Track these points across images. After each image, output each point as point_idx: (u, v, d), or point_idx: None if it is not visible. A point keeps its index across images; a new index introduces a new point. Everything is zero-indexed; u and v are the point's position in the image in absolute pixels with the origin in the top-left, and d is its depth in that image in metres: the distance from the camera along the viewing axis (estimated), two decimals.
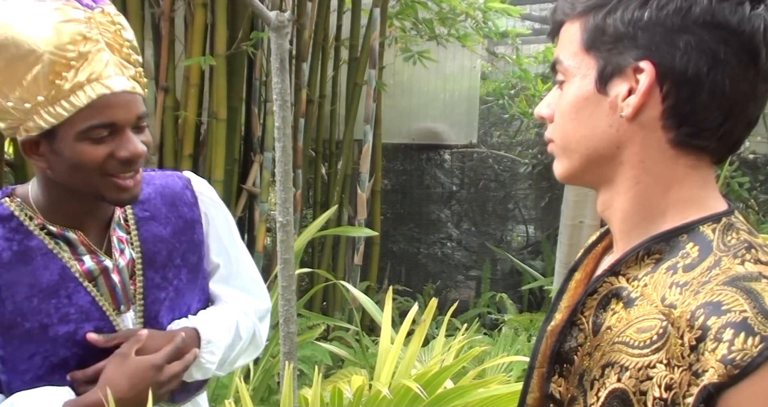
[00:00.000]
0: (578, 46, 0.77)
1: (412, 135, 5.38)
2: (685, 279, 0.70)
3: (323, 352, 3.15)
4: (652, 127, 0.73)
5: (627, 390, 0.70)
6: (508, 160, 6.22)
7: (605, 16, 0.74)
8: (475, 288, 5.93)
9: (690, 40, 0.70)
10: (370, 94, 4.03)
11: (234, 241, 1.39)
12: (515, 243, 6.51)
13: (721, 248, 0.71)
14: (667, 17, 0.70)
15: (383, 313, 2.18)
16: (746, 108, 0.72)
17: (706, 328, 0.64)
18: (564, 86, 0.79)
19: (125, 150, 1.09)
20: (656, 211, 0.75)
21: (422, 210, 5.89)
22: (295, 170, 3.75)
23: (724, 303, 0.64)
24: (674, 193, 0.75)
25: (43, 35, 1.01)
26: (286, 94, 1.82)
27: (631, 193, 0.76)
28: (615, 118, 0.74)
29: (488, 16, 4.38)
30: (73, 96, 1.03)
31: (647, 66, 0.71)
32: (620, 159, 0.76)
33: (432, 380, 1.73)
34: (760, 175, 5.00)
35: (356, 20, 4.09)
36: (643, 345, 0.70)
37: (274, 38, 1.81)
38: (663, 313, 0.69)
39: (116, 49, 1.09)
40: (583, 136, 0.77)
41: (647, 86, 0.71)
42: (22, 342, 1.12)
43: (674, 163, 0.74)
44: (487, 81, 5.96)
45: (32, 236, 1.14)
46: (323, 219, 3.03)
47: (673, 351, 0.66)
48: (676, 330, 0.66)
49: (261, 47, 3.53)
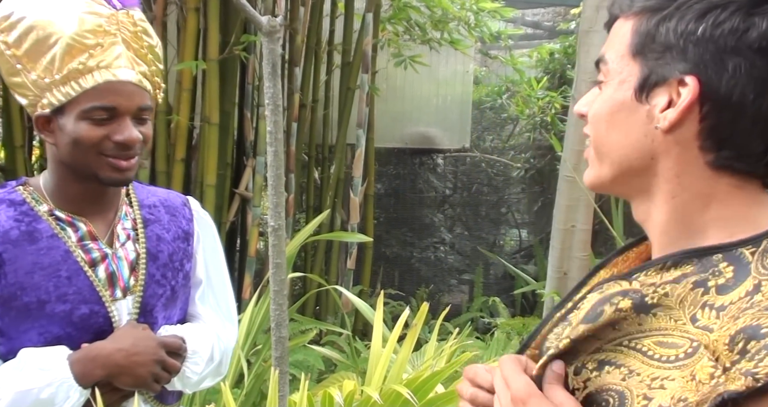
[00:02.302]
0: (626, 49, 0.74)
1: (405, 139, 5.38)
2: (722, 302, 0.66)
3: (315, 357, 3.14)
4: (687, 144, 0.70)
5: (631, 391, 0.68)
6: (501, 164, 6.23)
7: (659, 23, 0.71)
8: (468, 292, 5.94)
9: (741, 64, 0.66)
10: (363, 99, 4.03)
11: (219, 265, 1.46)
12: (508, 247, 6.52)
13: (761, 271, 0.67)
14: (722, 36, 0.67)
15: (375, 317, 2.18)
16: None
17: (744, 352, 0.61)
18: (603, 87, 0.77)
19: (121, 134, 1.18)
20: (695, 227, 0.72)
21: (415, 215, 5.90)
22: (287, 174, 3.74)
23: (763, 326, 0.61)
24: (715, 210, 0.71)
25: (67, 22, 1.15)
26: (277, 98, 1.82)
27: (668, 207, 0.73)
28: (650, 129, 0.71)
29: (479, 18, 4.39)
30: (81, 78, 1.15)
31: (692, 81, 0.68)
32: (654, 171, 0.73)
33: (423, 385, 1.73)
34: None
35: (349, 25, 4.09)
36: (665, 359, 0.68)
37: (265, 43, 1.81)
38: (694, 334, 0.67)
39: (132, 46, 1.21)
40: (616, 140, 0.74)
41: (689, 102, 0.68)
42: (19, 315, 1.18)
43: (715, 181, 0.70)
44: (480, 85, 5.97)
45: (40, 220, 1.22)
46: (315, 223, 3.03)
47: (701, 371, 0.64)
48: (711, 353, 0.64)
49: (253, 52, 3.53)
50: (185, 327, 1.35)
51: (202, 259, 1.41)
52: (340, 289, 3.05)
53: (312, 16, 3.89)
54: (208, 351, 1.34)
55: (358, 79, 4.04)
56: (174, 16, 3.35)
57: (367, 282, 4.42)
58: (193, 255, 1.39)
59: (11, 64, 1.17)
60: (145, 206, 1.35)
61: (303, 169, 4.18)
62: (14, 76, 1.18)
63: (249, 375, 2.62)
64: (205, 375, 1.36)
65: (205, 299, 1.43)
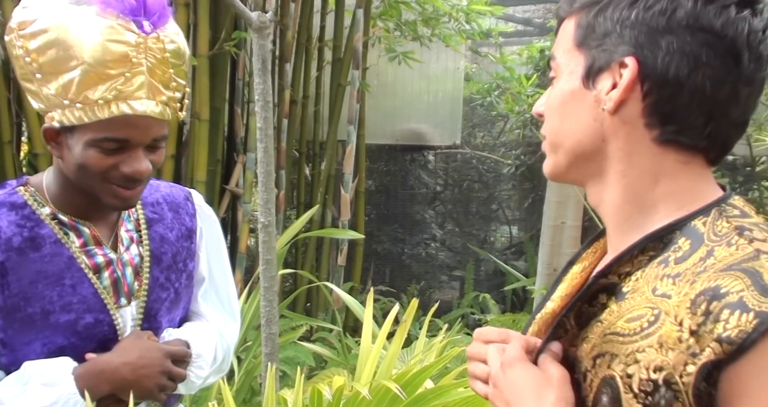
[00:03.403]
0: (570, 43, 0.79)
1: (396, 136, 5.38)
2: (677, 270, 0.71)
3: (306, 353, 3.14)
4: (634, 123, 0.74)
5: (615, 375, 0.72)
6: (492, 160, 6.24)
7: (597, 14, 0.76)
8: (459, 288, 5.95)
9: (673, 42, 0.71)
10: (354, 95, 4.03)
11: (222, 261, 1.43)
12: (498, 243, 6.53)
13: (712, 238, 0.71)
14: (653, 18, 0.72)
15: (365, 314, 2.18)
16: (728, 109, 0.73)
17: (708, 313, 0.65)
18: (554, 82, 0.81)
19: (129, 167, 1.13)
20: (647, 204, 0.76)
21: (406, 211, 5.90)
22: (278, 171, 3.74)
23: (722, 286, 0.65)
24: (664, 186, 0.75)
25: (90, 47, 1.06)
26: (268, 94, 1.82)
27: (620, 186, 0.77)
28: (599, 112, 0.76)
29: (471, 17, 4.39)
30: (97, 107, 1.09)
31: (631, 62, 0.73)
32: (606, 153, 0.77)
33: (412, 380, 1.74)
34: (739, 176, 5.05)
35: (339, 21, 4.09)
36: (632, 333, 0.71)
37: (255, 39, 1.81)
38: (654, 302, 0.71)
39: (157, 73, 1.12)
40: (568, 128, 0.79)
41: (629, 81, 0.73)
42: (23, 327, 1.15)
43: (662, 158, 0.75)
44: (471, 82, 5.98)
45: (43, 224, 1.18)
46: (305, 218, 3.03)
47: (667, 336, 0.67)
48: (673, 318, 0.68)
49: (244, 47, 3.52)
50: (189, 330, 1.33)
51: (205, 256, 1.39)
52: (330, 286, 3.05)
53: (302, 11, 3.88)
54: (211, 353, 1.33)
55: (348, 76, 4.04)
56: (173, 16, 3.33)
57: (357, 278, 4.42)
58: (196, 252, 1.37)
59: (28, 70, 1.11)
60: (148, 205, 1.31)
61: (293, 165, 4.17)
62: (28, 82, 1.13)
63: (239, 371, 2.63)
64: (209, 375, 1.35)
65: (208, 297, 1.41)
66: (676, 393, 0.66)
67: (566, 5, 0.80)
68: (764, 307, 0.63)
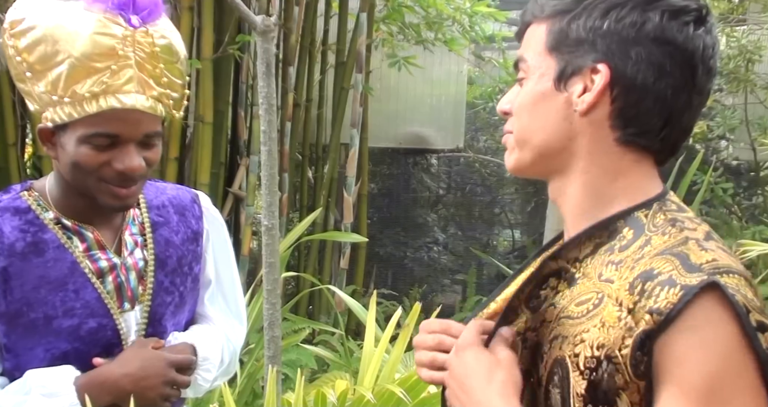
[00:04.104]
0: (542, 47, 0.84)
1: (399, 139, 5.38)
2: (620, 257, 0.79)
3: (308, 356, 3.14)
4: (600, 124, 0.81)
5: (565, 356, 0.79)
6: (495, 164, 6.24)
7: (570, 22, 0.81)
8: (461, 292, 5.94)
9: (641, 52, 0.78)
10: (357, 98, 4.03)
11: (229, 263, 1.42)
12: (501, 247, 6.53)
13: (651, 229, 0.79)
14: (624, 29, 0.78)
15: (368, 317, 2.18)
16: (682, 116, 0.81)
17: (642, 292, 0.73)
18: (524, 82, 0.86)
19: (121, 163, 1.12)
20: (605, 198, 0.83)
21: (409, 215, 5.90)
22: (281, 174, 3.74)
23: (655, 268, 0.74)
24: (620, 183, 0.82)
25: (76, 41, 1.07)
26: (272, 97, 1.83)
27: (580, 182, 0.84)
28: (569, 113, 0.82)
29: (474, 20, 4.40)
30: (86, 102, 1.08)
31: (604, 68, 0.79)
32: (571, 150, 0.83)
33: (416, 384, 1.73)
34: (743, 181, 5.05)
35: (343, 24, 4.09)
36: (580, 315, 0.79)
37: (260, 42, 1.81)
38: (598, 287, 0.79)
39: (146, 68, 1.12)
40: (538, 127, 0.84)
41: (602, 85, 0.79)
42: (26, 332, 1.14)
43: (620, 157, 0.82)
44: (474, 86, 5.98)
45: (46, 229, 1.17)
46: (307, 221, 3.03)
47: (609, 316, 0.75)
48: (614, 300, 0.75)
49: (248, 51, 3.52)
50: (195, 333, 1.32)
51: (212, 258, 1.38)
52: (333, 289, 3.05)
53: (306, 15, 3.89)
54: (218, 356, 1.32)
55: (352, 79, 4.04)
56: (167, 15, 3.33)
57: (360, 281, 4.42)
58: (203, 255, 1.35)
59: (20, 70, 1.11)
60: (154, 208, 1.29)
61: (297, 168, 4.18)
62: (22, 82, 1.13)
63: (241, 374, 2.62)
64: (216, 378, 1.34)
65: (214, 299, 1.39)
66: (617, 366, 0.73)
67: (536, 11, 0.85)
68: (688, 281, 0.71)
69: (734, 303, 0.70)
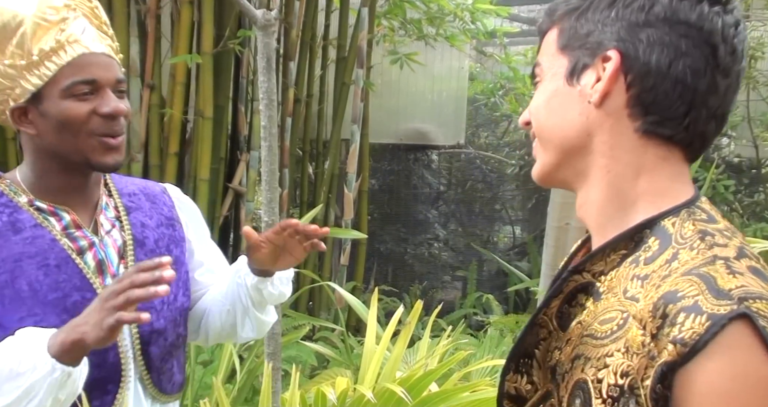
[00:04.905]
0: (555, 48, 0.82)
1: (400, 135, 5.37)
2: (646, 271, 0.73)
3: (308, 352, 3.14)
4: (618, 115, 0.77)
5: (587, 379, 0.73)
6: (496, 161, 6.23)
7: (578, 18, 0.80)
8: (462, 288, 5.94)
9: (653, 34, 0.75)
10: (358, 94, 4.01)
11: (210, 242, 1.48)
12: (502, 244, 6.52)
13: (679, 241, 0.74)
14: (632, 13, 0.76)
15: (368, 314, 2.17)
16: (707, 100, 0.76)
17: (665, 316, 0.67)
18: (539, 85, 0.85)
19: (107, 106, 1.16)
20: (628, 201, 0.78)
21: (409, 211, 5.89)
22: (281, 169, 3.73)
23: (680, 290, 0.68)
24: (644, 182, 0.78)
25: (24, 3, 1.13)
26: (272, 93, 1.81)
27: (604, 183, 0.79)
28: (584, 106, 0.78)
29: (476, 16, 4.38)
30: (55, 56, 1.13)
31: (614, 54, 0.76)
32: (591, 147, 0.79)
33: (416, 384, 1.72)
34: (744, 178, 5.03)
35: (344, 19, 4.07)
36: (604, 335, 0.73)
37: (260, 37, 1.79)
38: (624, 305, 0.73)
39: (93, 22, 1.20)
40: (555, 124, 0.81)
41: (613, 72, 0.76)
42: (13, 304, 1.14)
43: (643, 151, 0.77)
44: (475, 82, 5.96)
45: (21, 211, 1.19)
46: (308, 218, 3.01)
47: (633, 341, 0.69)
48: (638, 322, 0.69)
49: (248, 46, 3.51)
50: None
51: (198, 243, 1.42)
52: (333, 285, 3.04)
53: (307, 10, 3.87)
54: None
55: (353, 74, 4.02)
56: (168, 9, 3.32)
57: (360, 278, 4.41)
58: (185, 239, 1.38)
59: None
60: (125, 195, 1.33)
61: (297, 164, 4.16)
62: None
63: (241, 370, 2.62)
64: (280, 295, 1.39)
65: (213, 270, 1.45)
66: (637, 398, 0.68)
67: (547, 18, 0.84)
68: (716, 310, 0.65)
69: (766, 336, 0.64)
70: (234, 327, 1.40)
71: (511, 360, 0.83)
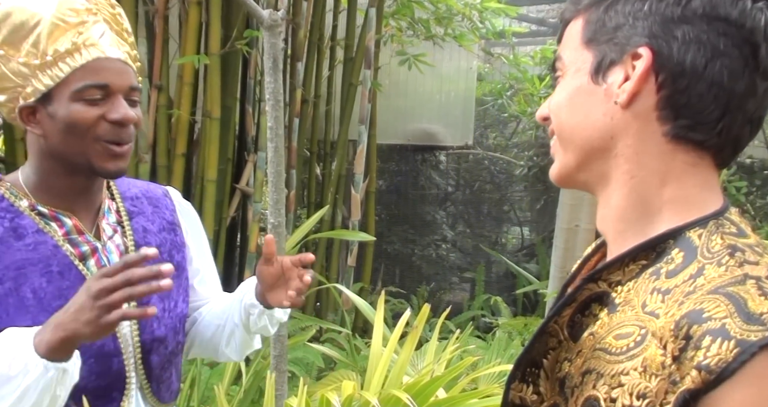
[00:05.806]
0: (579, 41, 0.76)
1: (408, 136, 5.35)
2: (667, 285, 0.68)
3: (315, 354, 3.12)
4: (646, 117, 0.71)
5: (599, 396, 0.69)
6: (504, 161, 6.21)
7: (607, 9, 0.74)
8: (470, 290, 5.91)
9: (689, 31, 0.69)
10: (365, 95, 4.00)
11: (208, 252, 1.46)
12: (510, 245, 6.50)
13: (706, 255, 0.68)
14: (667, 7, 0.70)
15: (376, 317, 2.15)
16: (745, 103, 0.70)
17: (689, 338, 0.62)
18: (560, 80, 0.79)
19: (116, 112, 1.14)
20: (652, 209, 0.73)
21: (417, 212, 5.87)
22: (289, 170, 3.72)
23: (705, 310, 0.62)
24: (671, 190, 0.72)
25: (45, 3, 1.11)
26: (278, 93, 1.80)
27: (626, 189, 0.74)
28: (609, 106, 0.73)
29: (485, 16, 4.36)
30: (69, 57, 1.11)
31: (645, 52, 0.70)
32: (614, 151, 0.74)
33: (423, 390, 1.70)
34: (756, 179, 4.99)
35: (352, 20, 4.06)
36: (619, 351, 0.68)
37: (267, 37, 1.78)
38: (642, 320, 0.68)
39: (113, 27, 1.18)
40: (577, 123, 0.76)
41: (643, 71, 0.70)
42: (17, 312, 1.12)
43: (671, 158, 0.72)
44: (483, 82, 5.94)
45: (23, 216, 1.17)
46: (315, 219, 3.01)
47: (651, 360, 0.65)
48: (658, 340, 0.65)
49: (256, 46, 3.50)
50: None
51: (196, 249, 1.40)
52: (340, 287, 3.02)
53: (315, 10, 3.86)
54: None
55: (360, 75, 4.01)
56: (176, 10, 3.32)
57: (367, 279, 4.40)
58: (186, 244, 1.37)
59: None
60: (128, 198, 1.31)
61: (304, 164, 4.15)
62: None
63: (247, 373, 2.61)
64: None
65: (208, 282, 1.44)
66: None
67: (572, 6, 0.78)
68: (746, 336, 0.60)
69: None
70: (218, 344, 1.40)
71: (518, 368, 0.79)
